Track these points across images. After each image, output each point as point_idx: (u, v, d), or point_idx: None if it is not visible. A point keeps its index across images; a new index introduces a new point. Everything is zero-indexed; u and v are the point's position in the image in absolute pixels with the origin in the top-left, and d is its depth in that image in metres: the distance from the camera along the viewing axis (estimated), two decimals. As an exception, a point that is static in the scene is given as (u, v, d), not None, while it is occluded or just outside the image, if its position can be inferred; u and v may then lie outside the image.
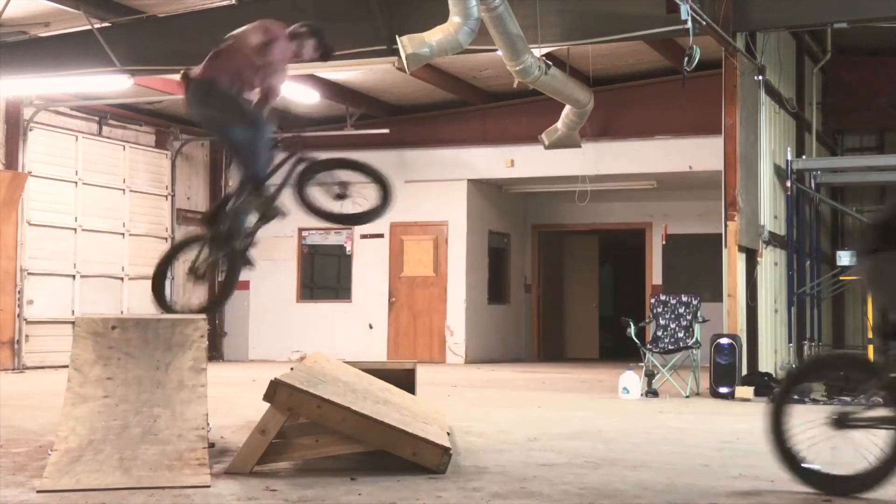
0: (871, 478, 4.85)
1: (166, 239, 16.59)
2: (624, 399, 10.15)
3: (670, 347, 11.17)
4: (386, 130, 16.44)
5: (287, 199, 6.53)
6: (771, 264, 12.50)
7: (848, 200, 16.01)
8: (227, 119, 6.34)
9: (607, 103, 15.10)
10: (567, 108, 13.60)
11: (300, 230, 17.36)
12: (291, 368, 5.59)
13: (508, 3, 9.83)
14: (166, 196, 16.67)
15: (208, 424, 5.56)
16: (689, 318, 11.31)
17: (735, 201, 11.03)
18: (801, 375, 5.68)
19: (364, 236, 17.03)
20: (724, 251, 11.08)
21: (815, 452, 4.91)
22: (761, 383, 10.53)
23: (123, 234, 15.87)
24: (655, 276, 17.62)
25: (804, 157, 13.84)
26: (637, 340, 10.98)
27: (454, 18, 9.47)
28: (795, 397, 5.34)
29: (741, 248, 11.19)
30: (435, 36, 9.53)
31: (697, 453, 6.19)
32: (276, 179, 6.56)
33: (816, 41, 14.63)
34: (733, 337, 10.65)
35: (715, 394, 10.43)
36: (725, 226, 11.06)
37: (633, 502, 4.60)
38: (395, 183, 6.76)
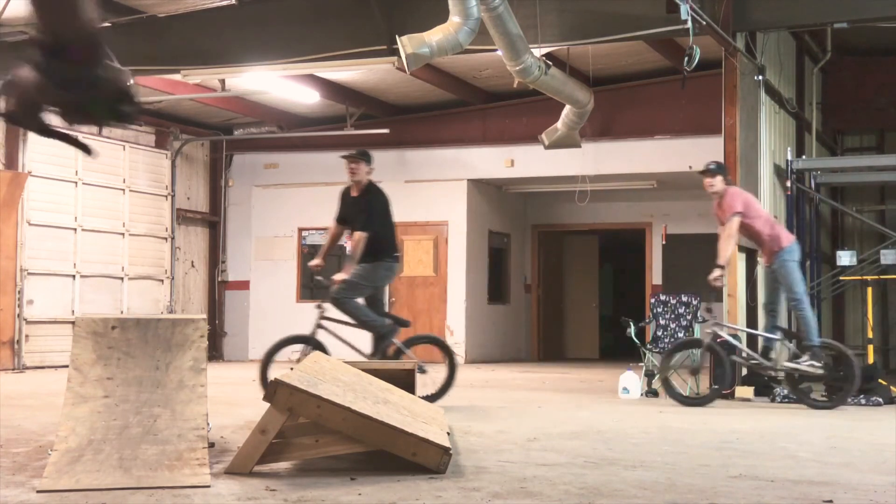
0: None
1: (166, 239, 16.60)
2: (624, 399, 10.14)
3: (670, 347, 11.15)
4: (386, 130, 16.45)
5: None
6: (771, 264, 12.48)
7: (848, 200, 16.01)
8: None
9: (607, 103, 15.11)
10: (567, 108, 13.60)
11: (300, 230, 17.37)
12: (291, 368, 5.58)
13: (508, 3, 9.83)
14: (166, 196, 16.67)
15: (208, 424, 5.56)
16: (689, 317, 11.30)
17: (735, 201, 11.01)
18: None
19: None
20: (725, 251, 11.07)
21: None
22: (761, 383, 10.53)
23: (123, 234, 15.87)
24: (655, 276, 17.63)
25: (804, 157, 13.84)
26: (637, 340, 10.98)
27: (454, 18, 9.47)
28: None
29: (741, 248, 11.18)
30: (435, 36, 9.52)
31: (697, 453, 6.19)
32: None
33: (816, 41, 14.63)
34: (733, 336, 10.64)
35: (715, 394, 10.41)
36: (725, 226, 11.04)
37: (633, 502, 4.60)
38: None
